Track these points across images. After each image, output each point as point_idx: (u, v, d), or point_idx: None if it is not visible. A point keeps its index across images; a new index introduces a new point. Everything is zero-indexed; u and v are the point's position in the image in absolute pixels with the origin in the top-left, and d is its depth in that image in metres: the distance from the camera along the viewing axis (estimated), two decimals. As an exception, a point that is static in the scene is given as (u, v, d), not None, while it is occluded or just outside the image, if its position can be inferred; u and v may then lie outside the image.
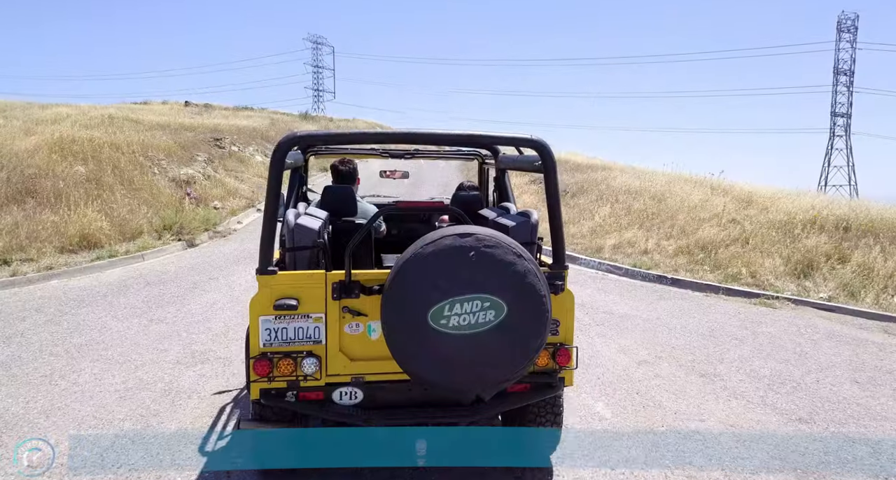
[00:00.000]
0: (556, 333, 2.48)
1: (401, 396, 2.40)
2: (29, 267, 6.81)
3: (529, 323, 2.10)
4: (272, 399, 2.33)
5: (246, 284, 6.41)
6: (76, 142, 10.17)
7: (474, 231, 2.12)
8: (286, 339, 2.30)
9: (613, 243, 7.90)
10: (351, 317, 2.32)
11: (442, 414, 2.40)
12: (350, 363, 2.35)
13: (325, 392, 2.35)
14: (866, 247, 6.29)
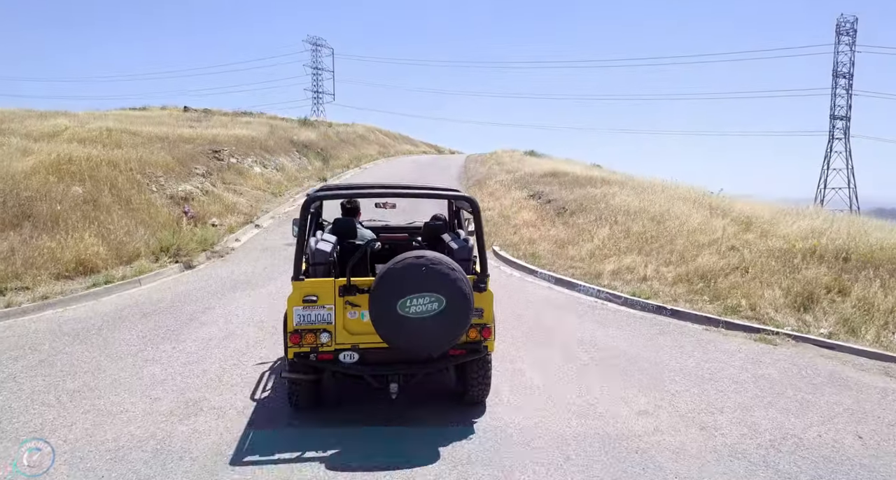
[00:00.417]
0: (480, 317, 3.76)
1: (382, 356, 3.71)
2: (24, 296, 6.76)
3: (460, 311, 3.46)
4: (301, 358, 3.69)
5: (243, 316, 6.36)
6: (73, 161, 10.12)
7: (425, 254, 3.50)
8: (310, 321, 3.67)
9: (612, 269, 7.85)
10: (351, 307, 3.68)
11: (407, 367, 3.75)
12: (350, 336, 3.71)
13: (334, 354, 3.70)
14: (866, 280, 6.24)
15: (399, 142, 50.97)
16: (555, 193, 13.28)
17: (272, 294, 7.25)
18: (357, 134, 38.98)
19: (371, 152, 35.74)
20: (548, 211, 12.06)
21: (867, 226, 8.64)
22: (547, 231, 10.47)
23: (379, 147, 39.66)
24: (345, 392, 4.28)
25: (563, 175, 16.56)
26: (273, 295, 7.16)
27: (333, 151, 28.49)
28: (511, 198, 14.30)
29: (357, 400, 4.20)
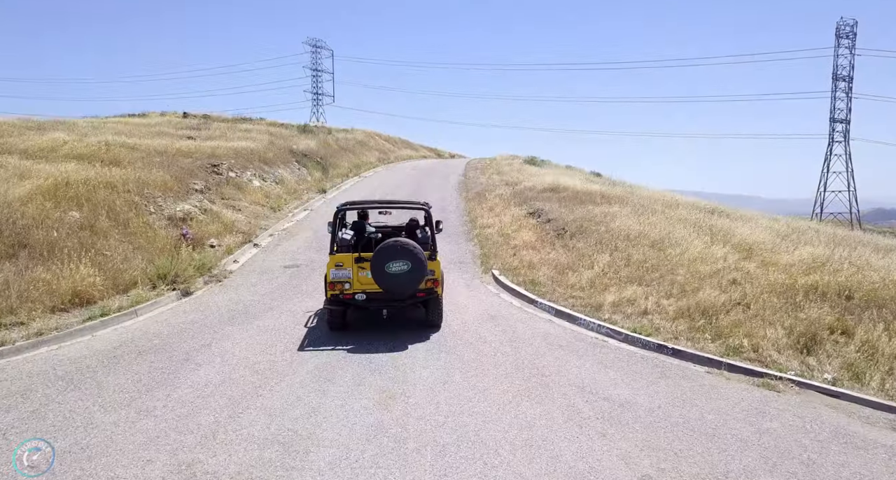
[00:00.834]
0: (432, 275, 6.78)
1: (378, 296, 6.66)
2: (19, 332, 6.68)
3: (418, 270, 6.52)
4: (334, 297, 6.76)
5: (240, 355, 6.27)
6: (70, 185, 10.04)
7: (399, 239, 6.68)
8: (338, 277, 6.72)
9: (613, 300, 7.76)
10: (361, 269, 6.66)
11: (392, 302, 6.79)
12: (361, 285, 6.71)
13: (352, 295, 6.69)
14: (870, 322, 6.16)
15: (399, 147, 50.88)
16: (554, 212, 13.20)
17: (269, 329, 7.16)
18: (357, 140, 38.87)
19: (371, 159, 35.64)
20: (547, 231, 11.98)
21: (869, 255, 8.56)
22: (547, 254, 10.38)
23: (379, 153, 39.54)
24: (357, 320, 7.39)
25: (562, 190, 16.48)
26: (270, 331, 7.08)
27: (333, 159, 28.40)
28: (510, 215, 14.21)
29: (363, 325, 7.37)
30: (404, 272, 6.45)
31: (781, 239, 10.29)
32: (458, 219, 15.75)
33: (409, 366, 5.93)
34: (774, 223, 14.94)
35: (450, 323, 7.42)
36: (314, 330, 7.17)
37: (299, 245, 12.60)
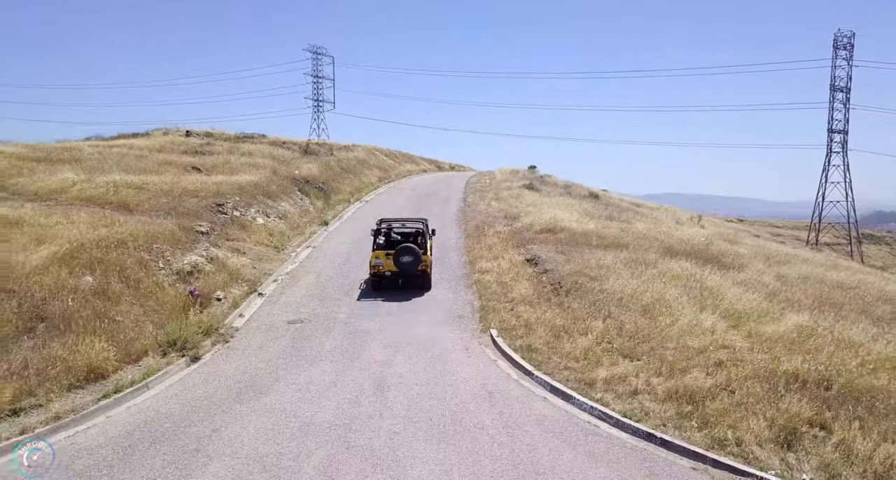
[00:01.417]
0: (424, 263, 13.21)
1: (397, 273, 13.03)
2: (37, 416, 7.01)
3: (417, 261, 12.94)
4: (374, 272, 13.24)
5: (250, 446, 6.54)
6: (85, 247, 10.38)
7: (409, 245, 13.14)
8: (376, 263, 13.19)
9: (605, 376, 8.10)
10: (388, 258, 13.07)
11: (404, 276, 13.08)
12: (388, 267, 13.07)
13: (383, 272, 13.12)
14: (846, 419, 6.49)
15: (400, 162, 51.20)
16: (551, 260, 13.54)
17: (277, 410, 7.46)
18: (358, 159, 39.23)
19: (372, 179, 36.00)
20: (544, 284, 12.32)
21: (856, 333, 8.89)
22: (543, 313, 10.72)
23: (380, 172, 39.88)
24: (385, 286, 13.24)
25: (559, 230, 16.86)
26: (277, 413, 7.38)
27: (334, 184, 28.76)
28: (508, 259, 14.55)
29: (388, 288, 13.03)
30: (410, 261, 12.81)
31: (770, 299, 10.64)
32: (457, 258, 16.11)
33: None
34: (767, 267, 15.29)
35: (448, 402, 7.75)
36: (365, 290, 13.32)
37: (302, 293, 12.94)
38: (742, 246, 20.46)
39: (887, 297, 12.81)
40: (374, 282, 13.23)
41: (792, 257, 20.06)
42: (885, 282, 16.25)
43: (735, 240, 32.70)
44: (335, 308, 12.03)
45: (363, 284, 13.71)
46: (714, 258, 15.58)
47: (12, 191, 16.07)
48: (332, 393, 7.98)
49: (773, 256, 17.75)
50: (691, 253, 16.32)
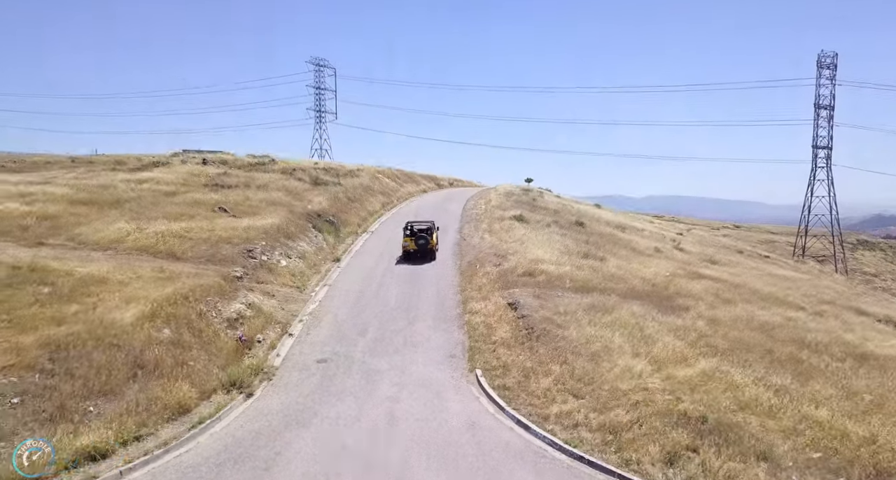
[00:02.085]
0: (431, 244, 24.10)
1: (416, 251, 23.76)
2: (152, 443, 9.94)
3: (428, 243, 23.85)
4: (404, 249, 24.08)
5: (302, 468, 9.49)
6: (161, 305, 13.38)
7: (423, 234, 24.06)
8: (405, 245, 24.01)
9: (556, 412, 11.05)
10: (412, 242, 23.76)
11: (421, 252, 23.84)
12: (412, 246, 23.81)
13: (410, 250, 23.79)
14: (708, 446, 9.44)
15: (401, 183, 54.17)
16: (528, 305, 16.50)
17: (318, 438, 10.37)
18: (363, 186, 42.16)
19: (376, 206, 39.03)
20: (520, 328, 15.29)
21: (743, 376, 11.86)
22: (517, 356, 13.69)
23: (383, 197, 42.85)
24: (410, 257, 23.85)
25: (538, 274, 19.84)
26: (319, 440, 10.28)
27: (343, 216, 31.72)
28: (494, 302, 17.50)
29: (409, 259, 23.58)
30: (423, 243, 23.52)
31: (692, 346, 13.63)
32: (452, 297, 19.10)
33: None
34: (708, 309, 18.21)
35: (440, 427, 10.70)
36: (399, 262, 23.55)
37: (325, 334, 15.89)
38: (702, 280, 23.35)
39: (798, 337, 15.78)
40: (404, 255, 23.96)
41: (743, 290, 22.99)
42: (814, 319, 19.19)
43: (712, 261, 35.60)
44: (352, 347, 14.98)
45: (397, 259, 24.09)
46: (667, 299, 18.58)
47: (79, 240, 19.10)
48: (356, 427, 10.95)
49: (721, 293, 20.66)
50: (650, 293, 19.34)
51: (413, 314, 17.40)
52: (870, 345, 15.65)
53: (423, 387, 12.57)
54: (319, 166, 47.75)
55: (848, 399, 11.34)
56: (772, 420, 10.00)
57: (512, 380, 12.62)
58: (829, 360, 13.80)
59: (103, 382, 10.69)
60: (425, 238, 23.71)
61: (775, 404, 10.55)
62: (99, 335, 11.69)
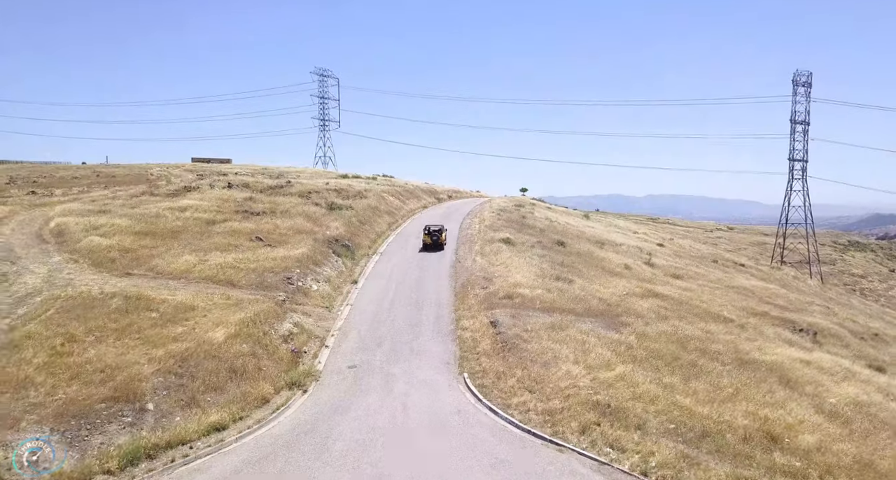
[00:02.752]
0: (442, 240, 37.68)
1: (430, 245, 37.27)
2: (248, 423, 15.28)
3: (439, 238, 37.49)
4: (423, 244, 37.46)
5: (350, 436, 14.80)
6: (240, 327, 18.72)
7: (435, 232, 37.67)
8: (423, 239, 37.44)
9: (516, 402, 16.29)
10: (429, 237, 37.33)
11: (434, 244, 37.22)
12: (428, 241, 37.21)
13: (427, 243, 37.33)
14: (608, 423, 14.77)
15: (404, 200, 59.59)
16: (505, 323, 21.82)
17: (357, 419, 15.65)
18: (370, 207, 47.58)
19: (382, 226, 44.44)
20: (497, 342, 20.62)
21: (645, 377, 17.16)
22: (494, 363, 19.01)
23: (389, 217, 48.28)
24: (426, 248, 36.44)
25: (516, 297, 25.16)
26: (358, 420, 15.57)
27: (356, 239, 37.11)
28: (479, 321, 22.82)
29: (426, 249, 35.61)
30: (436, 239, 36.89)
31: (618, 356, 18.92)
32: (448, 315, 24.42)
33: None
34: (645, 326, 23.49)
35: (437, 412, 16.01)
36: (420, 250, 36.90)
37: (351, 346, 21.20)
38: (651, 299, 28.61)
39: (704, 347, 21.04)
40: (423, 246, 36.98)
41: (684, 307, 28.27)
42: (731, 332, 24.47)
43: (675, 276, 40.71)
44: (373, 356, 20.30)
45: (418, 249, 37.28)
46: (614, 316, 23.91)
47: (156, 271, 24.46)
48: (380, 413, 16.28)
49: (662, 311, 25.97)
50: (602, 312, 24.67)
51: (418, 330, 22.77)
52: (756, 354, 20.93)
53: (426, 386, 17.90)
54: (331, 187, 53.05)
55: (713, 391, 16.65)
56: (651, 406, 15.29)
57: (488, 381, 17.96)
58: (718, 365, 19.10)
59: (214, 382, 16.07)
60: (437, 235, 37.38)
61: (658, 395, 15.84)
62: (205, 350, 17.07)
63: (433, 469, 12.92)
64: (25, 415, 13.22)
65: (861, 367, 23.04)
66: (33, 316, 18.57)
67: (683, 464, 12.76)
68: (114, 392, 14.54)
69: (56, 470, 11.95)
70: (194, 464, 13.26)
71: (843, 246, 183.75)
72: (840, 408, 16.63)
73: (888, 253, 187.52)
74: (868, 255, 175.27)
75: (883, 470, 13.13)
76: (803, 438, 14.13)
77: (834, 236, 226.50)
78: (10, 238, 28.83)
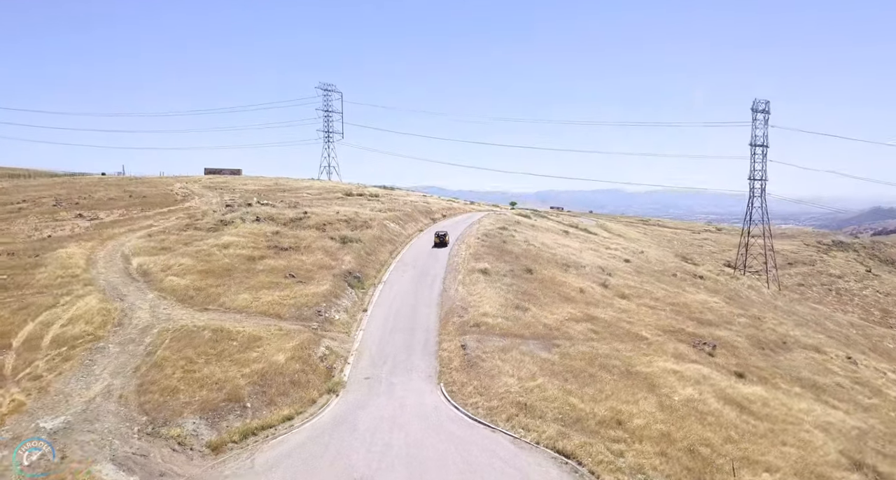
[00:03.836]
0: (447, 241, 59.82)
1: (439, 243, 59.60)
2: (304, 416, 25.01)
3: (445, 238, 59.76)
4: (434, 243, 59.46)
5: (370, 424, 24.51)
6: (294, 351, 28.44)
7: (442, 236, 60.25)
8: (433, 240, 59.95)
9: (472, 402, 26.05)
10: (439, 239, 59.99)
11: (442, 242, 59.66)
12: (437, 240, 59.86)
13: (436, 242, 59.77)
14: (518, 416, 24.44)
15: (404, 225, 69.42)
16: (471, 347, 31.49)
17: (372, 413, 25.31)
18: (375, 237, 57.29)
19: (385, 255, 54.17)
20: (465, 360, 30.30)
21: (555, 387, 26.91)
22: (460, 376, 28.71)
23: (390, 246, 58.06)
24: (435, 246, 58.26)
25: (483, 325, 34.81)
26: (372, 413, 25.22)
27: (365, 270, 46.83)
28: (454, 343, 32.51)
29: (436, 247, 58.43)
30: (442, 240, 59.19)
31: (541, 370, 28.61)
32: (434, 339, 34.09)
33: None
34: (571, 347, 33.29)
35: (422, 408, 25.70)
36: (431, 248, 58.95)
37: (365, 363, 30.90)
38: (585, 323, 38.24)
39: (605, 362, 30.65)
40: (434, 244, 59.25)
41: (609, 329, 37.91)
42: (635, 348, 34.09)
43: (622, 296, 50.26)
44: (380, 371, 29.97)
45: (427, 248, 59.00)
46: (551, 339, 33.59)
47: (225, 307, 34.16)
48: (386, 408, 25.97)
49: (589, 333, 35.61)
50: (543, 335, 34.39)
51: (411, 350, 32.50)
52: (641, 367, 30.58)
53: (415, 391, 27.60)
54: (341, 217, 62.80)
55: (597, 394, 26.28)
56: (552, 404, 24.96)
57: (455, 388, 27.67)
58: (609, 376, 28.75)
59: (282, 389, 25.82)
60: (442, 238, 59.54)
61: (557, 397, 25.49)
62: (274, 368, 26.82)
63: (417, 439, 22.69)
64: (183, 409, 22.97)
65: (723, 374, 32.79)
66: (158, 344, 28.32)
67: (559, 436, 22.48)
68: (227, 395, 24.29)
69: (207, 440, 21.65)
70: (278, 439, 22.96)
71: (826, 247, 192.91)
72: (675, 404, 26.36)
73: (870, 252, 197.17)
74: (850, 255, 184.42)
75: (674, 438, 22.84)
76: (636, 421, 23.88)
77: (820, 236, 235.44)
78: (109, 276, 38.60)
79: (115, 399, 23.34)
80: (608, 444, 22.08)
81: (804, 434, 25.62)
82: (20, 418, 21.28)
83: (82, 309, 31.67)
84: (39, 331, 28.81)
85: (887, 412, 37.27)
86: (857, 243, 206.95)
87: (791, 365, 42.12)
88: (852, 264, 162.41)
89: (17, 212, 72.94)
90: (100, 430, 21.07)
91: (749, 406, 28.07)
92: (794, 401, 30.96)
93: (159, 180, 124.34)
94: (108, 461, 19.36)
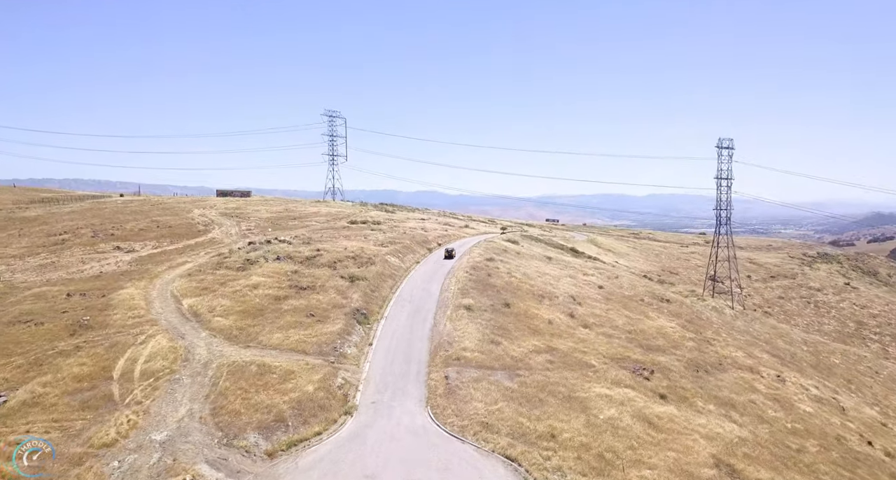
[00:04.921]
0: (454, 254, 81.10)
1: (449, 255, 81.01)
2: (330, 431, 34.92)
3: (452, 252, 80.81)
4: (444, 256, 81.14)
5: (377, 438, 34.34)
6: (320, 382, 38.43)
7: (451, 251, 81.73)
8: (443, 254, 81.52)
9: (451, 421, 35.92)
10: (446, 254, 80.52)
11: (450, 255, 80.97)
12: (446, 254, 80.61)
13: (446, 256, 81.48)
14: (486, 431, 34.26)
15: (403, 257, 79.46)
16: (452, 377, 41.34)
17: (378, 430, 35.19)
18: (378, 273, 67.28)
19: (386, 291, 64.25)
20: (447, 388, 40.15)
21: (511, 409, 36.82)
22: (443, 401, 38.55)
23: (391, 281, 68.11)
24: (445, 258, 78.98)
25: (462, 359, 44.64)
26: (379, 431, 35.09)
27: (369, 306, 56.84)
28: (439, 374, 42.35)
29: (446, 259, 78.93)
30: (450, 253, 79.61)
31: (504, 397, 38.44)
32: (424, 370, 43.94)
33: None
34: (542, 374, 43.32)
35: (413, 426, 35.56)
36: (441, 260, 79.23)
37: (371, 391, 40.77)
38: (545, 354, 48.09)
39: (553, 388, 40.42)
40: (444, 257, 79.91)
41: (563, 359, 47.75)
42: (583, 376, 43.94)
43: (585, 325, 60.20)
44: (383, 396, 39.87)
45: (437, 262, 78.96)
46: (515, 369, 43.44)
47: (262, 344, 44.10)
48: (387, 427, 35.87)
49: (546, 364, 45.47)
50: (510, 366, 44.28)
51: (406, 379, 42.38)
52: (581, 392, 40.37)
53: (408, 413, 37.44)
54: (349, 254, 72.80)
55: (541, 415, 36.04)
56: (506, 422, 34.73)
57: (439, 410, 37.52)
58: (553, 399, 38.52)
59: (312, 412, 35.75)
60: (451, 253, 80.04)
61: (511, 417, 35.24)
62: (306, 396, 36.77)
63: (409, 449, 32.53)
64: (245, 427, 32.88)
65: (647, 396, 42.63)
66: (218, 376, 38.25)
67: (508, 446, 32.34)
68: (275, 417, 34.22)
69: (264, 449, 31.56)
70: (312, 448, 32.80)
71: (811, 259, 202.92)
72: (598, 422, 36.16)
73: (854, 264, 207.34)
74: (833, 267, 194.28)
75: (590, 447, 32.66)
76: (565, 435, 33.73)
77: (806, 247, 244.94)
78: (167, 316, 48.61)
79: (197, 419, 33.29)
80: (541, 452, 31.98)
81: (689, 443, 35.51)
82: (137, 433, 31.22)
83: (157, 347, 41.68)
84: (130, 366, 38.81)
85: (784, 423, 47.42)
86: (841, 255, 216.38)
87: (716, 385, 52.04)
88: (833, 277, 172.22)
89: (62, 244, 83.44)
90: (192, 441, 31.03)
91: (657, 422, 37.98)
92: (697, 417, 40.89)
93: (176, 204, 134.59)
94: (204, 463, 29.30)
